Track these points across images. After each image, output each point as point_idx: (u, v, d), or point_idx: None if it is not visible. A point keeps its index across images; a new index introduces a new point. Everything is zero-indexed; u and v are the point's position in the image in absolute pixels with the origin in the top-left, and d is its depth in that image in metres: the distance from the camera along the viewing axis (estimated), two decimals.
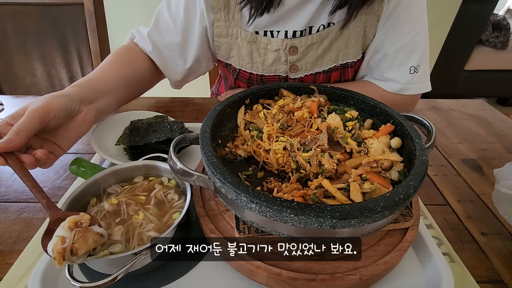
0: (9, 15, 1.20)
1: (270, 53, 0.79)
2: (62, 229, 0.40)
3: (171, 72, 0.87)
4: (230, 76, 0.91)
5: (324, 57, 0.80)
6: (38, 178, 0.67)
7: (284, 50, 0.78)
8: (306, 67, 0.81)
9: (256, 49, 0.80)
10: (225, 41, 0.81)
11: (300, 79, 0.84)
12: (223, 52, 0.84)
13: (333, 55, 0.80)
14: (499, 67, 2.69)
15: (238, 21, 0.78)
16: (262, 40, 0.78)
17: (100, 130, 0.71)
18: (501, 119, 0.94)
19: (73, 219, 0.41)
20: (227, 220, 0.48)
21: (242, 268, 0.44)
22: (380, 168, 0.46)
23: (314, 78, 0.84)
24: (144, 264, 0.44)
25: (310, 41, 0.77)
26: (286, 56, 0.79)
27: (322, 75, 0.84)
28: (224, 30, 0.79)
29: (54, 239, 0.39)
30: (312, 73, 0.82)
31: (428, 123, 0.53)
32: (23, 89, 1.31)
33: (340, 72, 0.84)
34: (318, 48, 0.78)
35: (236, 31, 0.78)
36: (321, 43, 0.77)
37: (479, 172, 0.72)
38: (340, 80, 0.87)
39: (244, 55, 0.81)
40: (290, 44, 0.76)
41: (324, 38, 0.77)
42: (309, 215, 0.35)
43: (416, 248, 0.51)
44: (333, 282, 0.40)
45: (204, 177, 0.43)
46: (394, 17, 0.75)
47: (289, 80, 0.84)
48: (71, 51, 1.26)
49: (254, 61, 0.81)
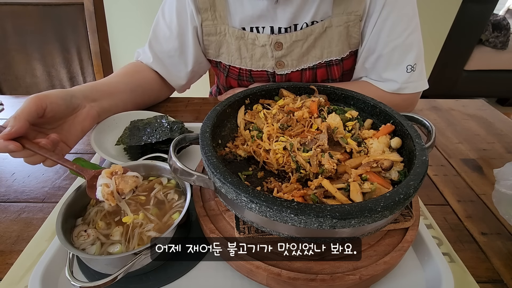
0: (9, 15, 1.20)
1: (258, 48, 0.82)
2: (103, 179, 0.46)
3: (175, 78, 0.91)
4: (222, 75, 0.94)
5: (309, 54, 0.83)
6: (38, 178, 0.68)
7: (270, 45, 0.81)
8: (292, 64, 0.84)
9: (244, 45, 0.83)
10: (214, 39, 0.84)
11: (287, 76, 0.86)
12: (213, 50, 0.87)
13: (318, 53, 0.83)
14: (499, 67, 2.69)
15: (225, 19, 0.81)
16: (249, 36, 0.81)
17: (100, 130, 0.71)
18: (501, 119, 0.94)
19: (108, 171, 0.47)
20: (227, 220, 0.48)
21: (242, 268, 0.44)
22: (380, 168, 0.46)
23: (301, 75, 0.87)
24: (144, 264, 0.44)
25: (295, 37, 0.80)
26: (272, 52, 0.82)
27: (308, 72, 0.86)
28: (213, 29, 0.83)
29: (99, 187, 0.46)
30: (298, 69, 0.85)
31: (428, 123, 0.53)
32: (23, 89, 1.31)
33: (326, 69, 0.86)
34: (303, 45, 0.81)
35: (224, 28, 0.82)
36: (305, 40, 0.80)
37: (479, 172, 0.72)
38: (327, 79, 0.89)
39: (233, 50, 0.84)
40: (275, 39, 0.80)
41: (308, 35, 0.80)
42: (309, 215, 0.35)
43: (416, 248, 0.51)
44: (333, 282, 0.40)
45: (204, 177, 0.43)
46: (384, 18, 0.77)
47: (276, 77, 0.87)
48: (71, 51, 1.26)
49: (243, 56, 0.84)
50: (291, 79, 0.87)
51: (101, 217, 0.48)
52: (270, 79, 0.88)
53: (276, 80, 0.87)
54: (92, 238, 0.45)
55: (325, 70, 0.86)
